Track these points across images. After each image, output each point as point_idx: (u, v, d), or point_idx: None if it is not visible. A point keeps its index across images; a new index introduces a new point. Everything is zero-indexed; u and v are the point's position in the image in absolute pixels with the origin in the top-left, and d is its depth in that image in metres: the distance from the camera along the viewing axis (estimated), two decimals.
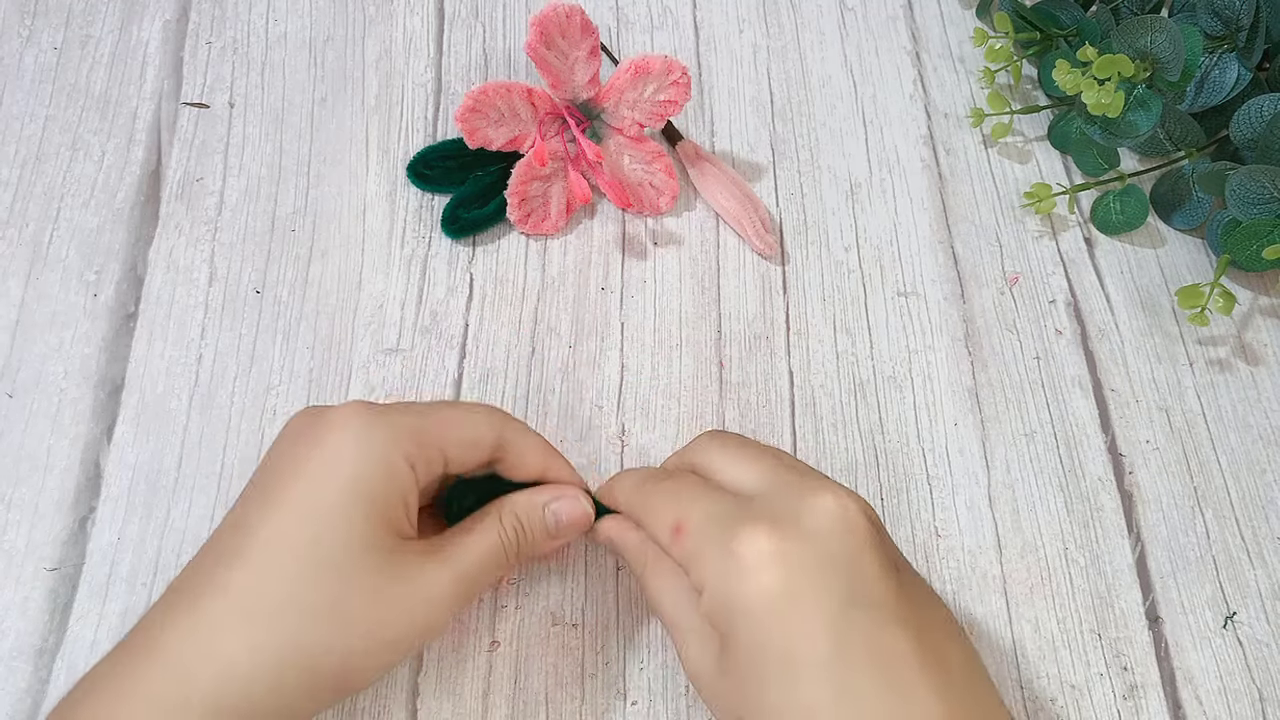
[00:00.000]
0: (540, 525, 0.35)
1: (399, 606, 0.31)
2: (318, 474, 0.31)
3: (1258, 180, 0.45)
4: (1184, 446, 0.46)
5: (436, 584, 0.31)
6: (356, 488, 0.30)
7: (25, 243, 0.47)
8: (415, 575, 0.31)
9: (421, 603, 0.31)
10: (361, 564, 0.30)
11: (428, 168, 0.49)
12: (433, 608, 0.31)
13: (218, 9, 0.54)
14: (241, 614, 0.29)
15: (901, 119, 0.55)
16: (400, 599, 0.31)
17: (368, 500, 0.30)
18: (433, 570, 0.32)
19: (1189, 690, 0.41)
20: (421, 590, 0.31)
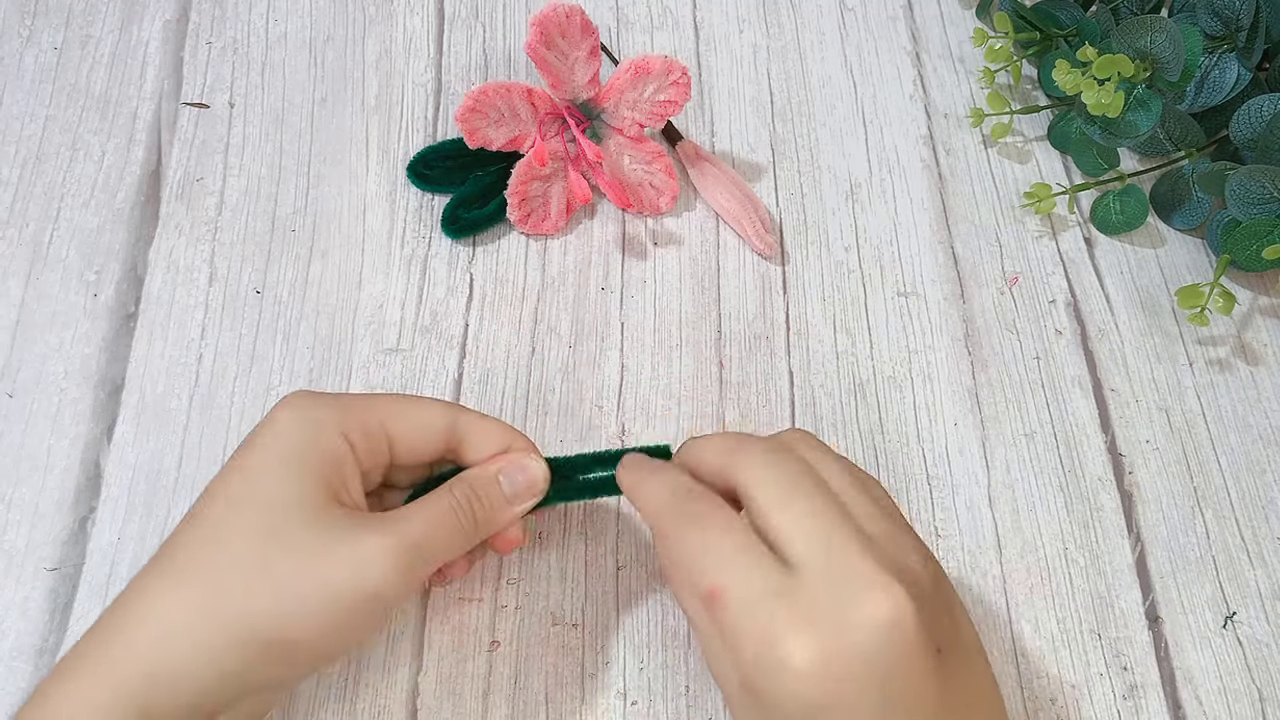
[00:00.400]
0: (495, 491, 0.35)
1: (331, 565, 0.30)
2: (257, 443, 0.32)
3: (1258, 180, 0.45)
4: (1184, 446, 0.46)
5: (374, 545, 0.31)
6: (291, 454, 0.32)
7: (25, 243, 0.47)
8: (351, 537, 0.31)
9: (357, 563, 0.30)
10: (293, 523, 0.31)
11: (428, 168, 0.49)
12: (370, 568, 0.30)
13: (218, 9, 0.54)
14: (176, 574, 0.30)
15: (901, 119, 0.55)
16: (334, 558, 0.30)
17: (300, 465, 0.31)
18: (370, 532, 0.31)
19: (1189, 690, 0.41)
20: (357, 551, 0.31)
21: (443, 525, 0.33)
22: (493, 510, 0.35)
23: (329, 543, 0.31)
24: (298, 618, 0.30)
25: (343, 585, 0.30)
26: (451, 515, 0.33)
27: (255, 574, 0.30)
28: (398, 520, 0.32)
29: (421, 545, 0.32)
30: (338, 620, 0.31)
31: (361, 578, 0.31)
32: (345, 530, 0.31)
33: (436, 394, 0.45)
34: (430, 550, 0.32)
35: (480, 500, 0.34)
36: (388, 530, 0.32)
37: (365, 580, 0.31)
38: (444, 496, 0.34)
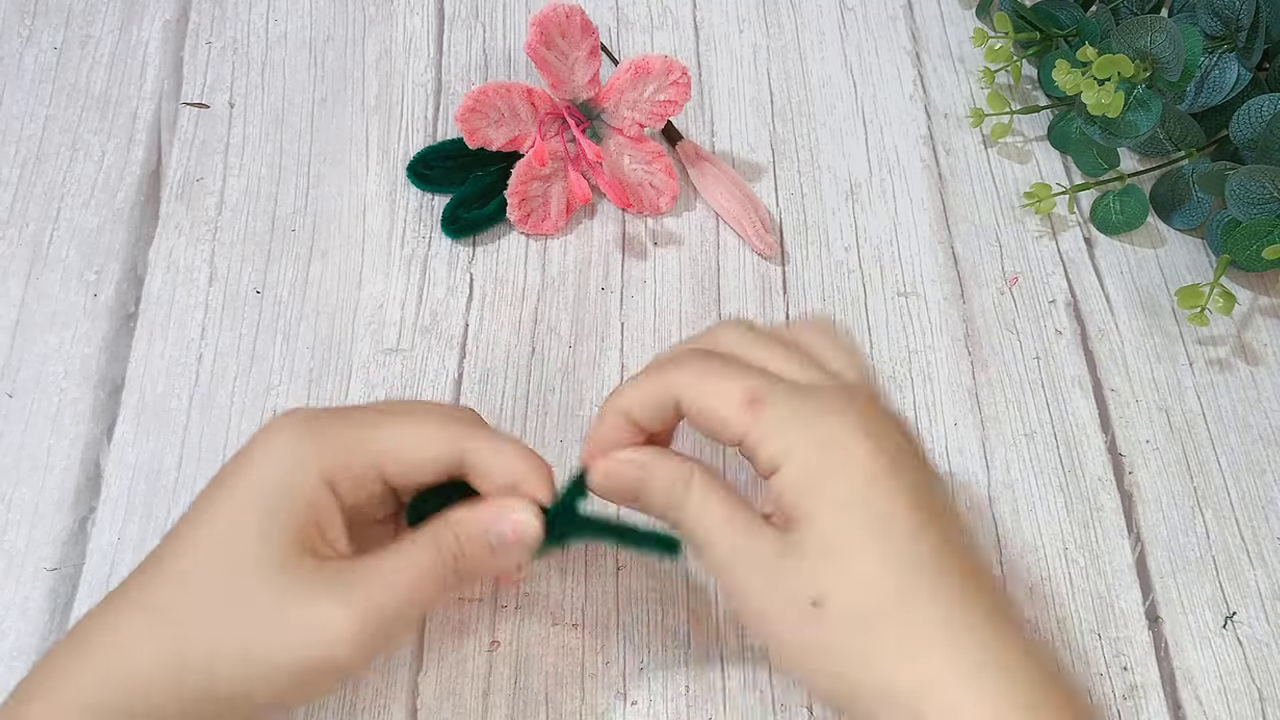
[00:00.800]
0: (482, 544, 0.32)
1: (293, 631, 0.29)
2: (232, 482, 0.31)
3: (1258, 180, 0.45)
4: (1184, 446, 0.46)
5: (338, 614, 0.29)
6: (263, 503, 0.30)
7: (25, 243, 0.47)
8: (308, 597, 0.29)
9: (308, 628, 0.29)
10: (260, 578, 0.29)
11: (428, 168, 0.49)
12: (323, 633, 0.29)
13: (218, 9, 0.54)
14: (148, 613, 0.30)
15: (901, 119, 0.55)
16: (296, 623, 0.29)
17: (272, 515, 0.30)
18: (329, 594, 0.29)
19: (1189, 690, 0.41)
20: (311, 613, 0.29)
21: (419, 582, 0.30)
22: (474, 564, 0.32)
23: (293, 604, 0.29)
24: (259, 678, 0.29)
25: (303, 653, 0.29)
26: (431, 571, 0.31)
27: (221, 629, 0.29)
28: (370, 581, 0.30)
29: (391, 609, 0.30)
30: (298, 683, 0.29)
31: (315, 646, 0.29)
32: (308, 590, 0.29)
33: (436, 395, 0.45)
34: (401, 611, 0.30)
35: (464, 554, 0.31)
36: (355, 595, 0.29)
37: (319, 648, 0.29)
38: (427, 549, 0.31)
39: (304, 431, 0.31)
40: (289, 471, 0.30)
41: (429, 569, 0.31)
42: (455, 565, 0.31)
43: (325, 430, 0.31)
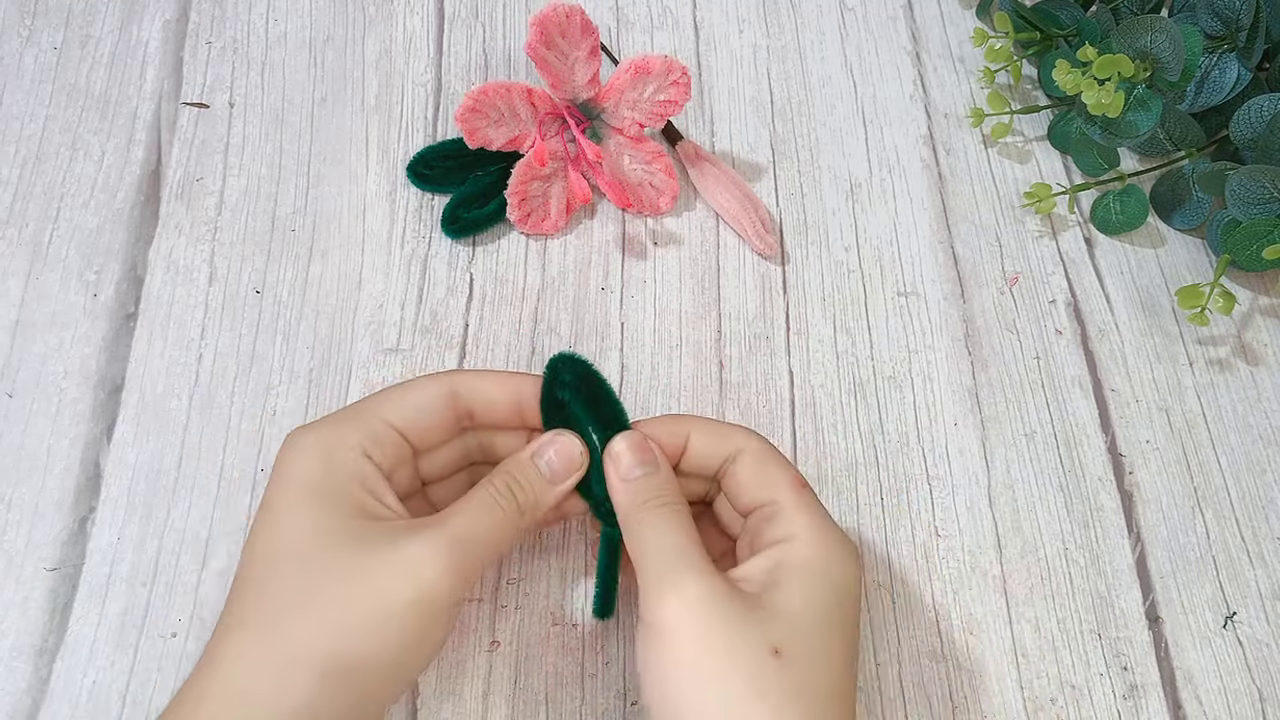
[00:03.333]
0: (534, 475, 0.35)
1: (380, 577, 0.30)
2: (275, 488, 0.32)
3: (1258, 180, 0.45)
4: (1184, 446, 0.46)
5: (419, 548, 0.31)
6: (311, 486, 0.32)
7: (25, 243, 0.47)
8: (395, 545, 0.31)
9: (406, 569, 0.30)
10: (333, 548, 0.31)
11: (428, 168, 0.49)
12: (421, 571, 0.30)
13: (218, 9, 0.54)
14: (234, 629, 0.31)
15: (901, 119, 0.55)
16: (381, 570, 0.30)
17: (324, 493, 0.32)
18: (414, 537, 0.31)
19: (1189, 690, 0.41)
20: (404, 557, 0.31)
21: (486, 517, 0.33)
22: (536, 496, 0.35)
23: (374, 556, 0.31)
24: (356, 636, 0.30)
25: (396, 594, 0.30)
26: (493, 506, 0.33)
27: (304, 604, 0.30)
28: (440, 520, 0.32)
29: (467, 540, 0.32)
30: (397, 631, 0.30)
31: (414, 582, 0.30)
32: (387, 540, 0.31)
33: None
34: (477, 544, 0.32)
35: (520, 485, 0.34)
36: (431, 531, 0.32)
37: (418, 584, 0.30)
38: (484, 489, 0.34)
39: (318, 426, 0.34)
40: (321, 453, 0.32)
41: (490, 505, 0.33)
42: (517, 500, 0.34)
43: (335, 418, 0.34)
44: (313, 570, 0.31)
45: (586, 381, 0.36)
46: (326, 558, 0.31)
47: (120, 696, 0.37)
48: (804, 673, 0.31)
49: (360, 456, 0.33)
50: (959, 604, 0.42)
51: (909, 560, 0.42)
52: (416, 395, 0.35)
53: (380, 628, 0.30)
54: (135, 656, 0.38)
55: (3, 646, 0.38)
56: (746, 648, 0.31)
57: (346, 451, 0.32)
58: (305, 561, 0.31)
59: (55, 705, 0.37)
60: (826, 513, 0.35)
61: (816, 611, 0.32)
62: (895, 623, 0.41)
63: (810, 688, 0.31)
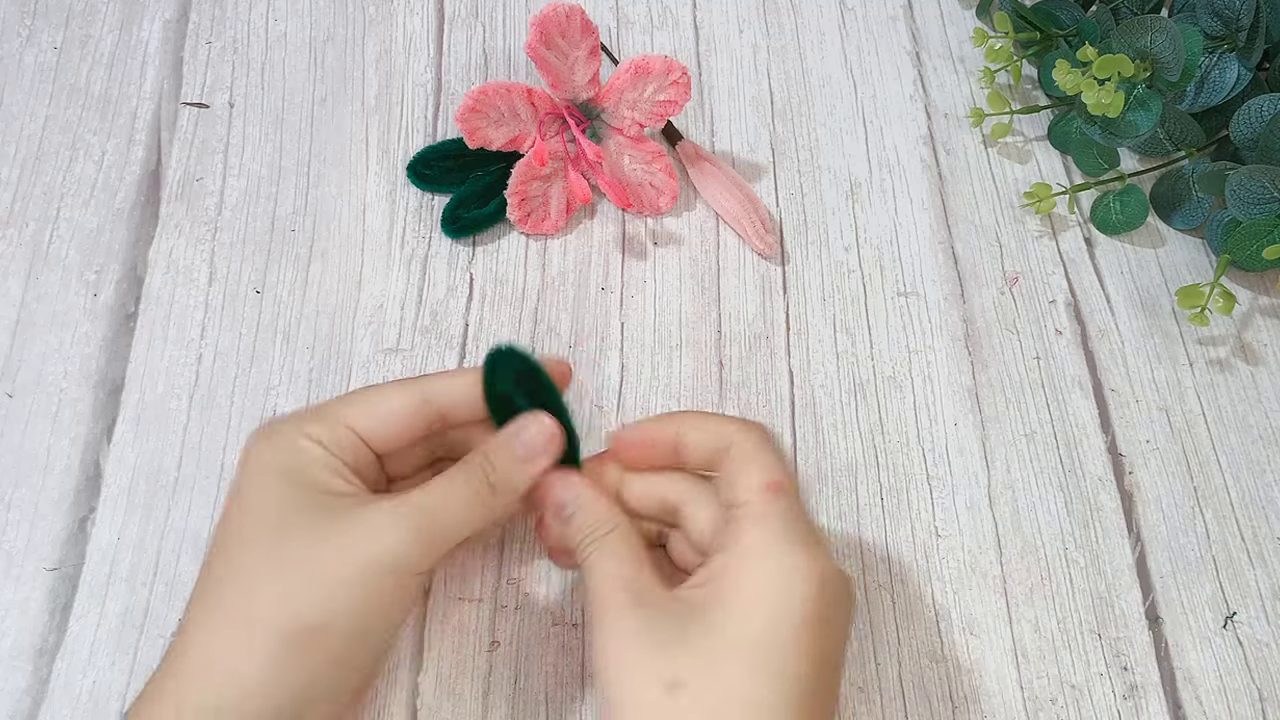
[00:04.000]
0: (507, 455, 0.35)
1: (343, 539, 0.31)
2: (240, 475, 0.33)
3: (1258, 180, 0.45)
4: (1184, 446, 0.46)
5: (383, 512, 0.31)
6: (270, 467, 0.32)
7: (25, 243, 0.47)
8: (358, 511, 0.31)
9: (369, 531, 0.31)
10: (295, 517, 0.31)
11: (428, 168, 0.49)
12: (383, 534, 0.31)
13: (218, 9, 0.54)
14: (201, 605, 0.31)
15: (901, 119, 0.55)
16: (344, 533, 0.31)
17: (285, 471, 0.32)
18: (379, 503, 0.32)
19: (1189, 690, 0.41)
20: (368, 520, 0.31)
21: (453, 491, 0.33)
22: (507, 472, 0.34)
23: (335, 523, 0.31)
24: (315, 600, 0.30)
25: (358, 556, 0.30)
26: (462, 482, 0.33)
27: (267, 572, 0.30)
28: (405, 493, 0.32)
29: (431, 510, 0.32)
30: (358, 595, 0.30)
31: (373, 546, 0.31)
32: (350, 510, 0.32)
33: None
34: (442, 515, 0.32)
35: (492, 464, 0.34)
36: (394, 501, 0.32)
37: (380, 547, 0.31)
38: (455, 467, 0.34)
39: (281, 420, 0.34)
40: (286, 444, 0.33)
41: (460, 481, 0.33)
42: (487, 478, 0.34)
43: (297, 414, 0.34)
44: (276, 540, 0.31)
45: (527, 373, 0.36)
46: (290, 528, 0.31)
47: (120, 696, 0.37)
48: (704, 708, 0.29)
49: (314, 444, 0.33)
50: (959, 604, 0.42)
51: (909, 560, 0.42)
52: (384, 403, 0.34)
53: (340, 591, 0.30)
54: (135, 656, 0.38)
55: (3, 646, 0.38)
56: (644, 684, 0.30)
57: (308, 440, 0.33)
58: (269, 532, 0.31)
59: (55, 705, 0.37)
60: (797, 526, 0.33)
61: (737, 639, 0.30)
62: (895, 623, 0.41)
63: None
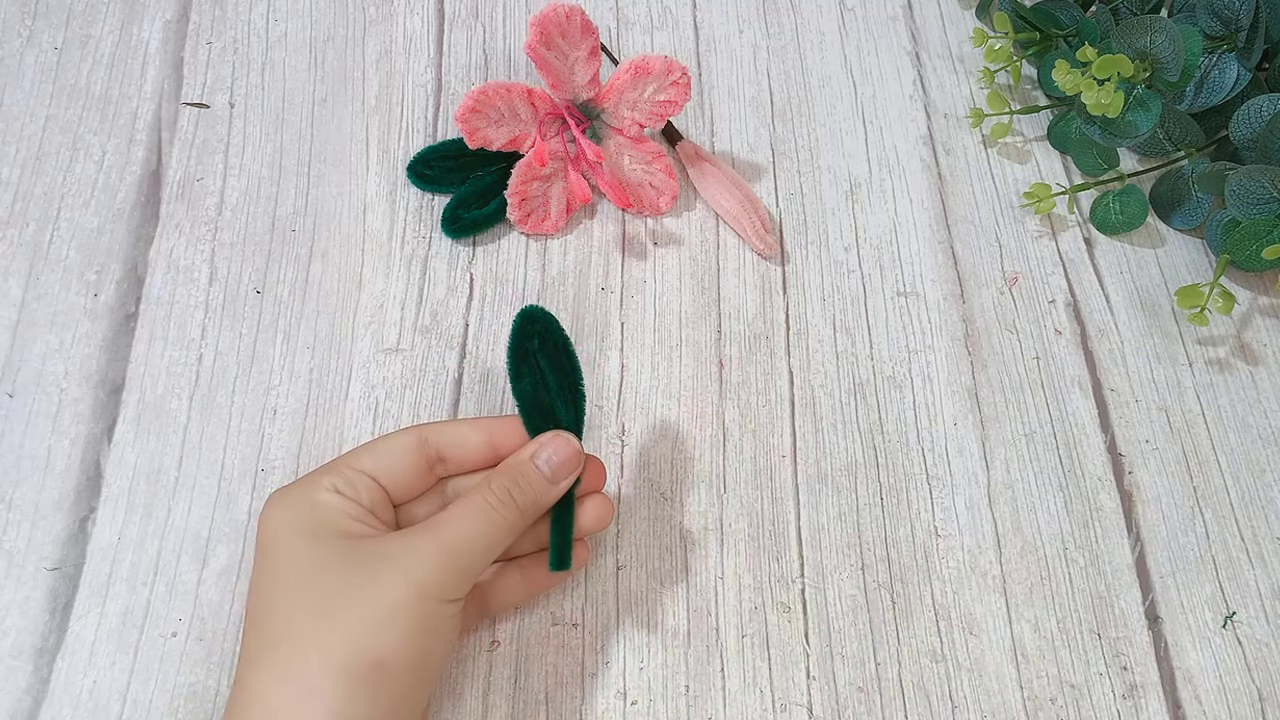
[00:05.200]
0: (535, 475, 0.35)
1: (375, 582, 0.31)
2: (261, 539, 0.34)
3: (1257, 180, 0.45)
4: (1184, 446, 0.46)
5: (408, 553, 0.32)
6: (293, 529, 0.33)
7: (25, 243, 0.47)
8: (383, 554, 0.32)
9: (400, 562, 0.32)
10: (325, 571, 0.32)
11: (428, 168, 0.49)
12: (413, 564, 0.32)
13: (218, 9, 0.54)
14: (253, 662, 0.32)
15: (901, 119, 0.55)
16: (374, 576, 0.31)
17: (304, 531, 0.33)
18: (402, 542, 0.32)
19: (1189, 690, 0.41)
20: (393, 561, 0.32)
21: (481, 520, 0.33)
22: (535, 494, 0.35)
23: (369, 566, 0.32)
24: (370, 636, 0.31)
25: (398, 589, 0.31)
26: (489, 509, 0.34)
27: (315, 621, 0.31)
28: (431, 524, 0.33)
29: (460, 537, 0.33)
30: (406, 627, 0.31)
31: (409, 584, 0.31)
32: (379, 551, 0.32)
33: (436, 395, 0.45)
34: (471, 544, 0.33)
35: (518, 485, 0.35)
36: (420, 536, 0.33)
37: (416, 577, 0.31)
38: (480, 491, 0.34)
39: (292, 484, 0.35)
40: (302, 502, 0.34)
41: (485, 504, 0.34)
42: (516, 502, 0.34)
43: (307, 475, 0.35)
44: (316, 591, 0.31)
45: (555, 337, 0.37)
46: (326, 578, 0.32)
47: (120, 696, 0.37)
48: None
49: (333, 494, 0.34)
50: (959, 604, 0.42)
51: (909, 560, 0.42)
52: (386, 444, 0.36)
53: (391, 625, 0.31)
54: (135, 656, 0.38)
55: (3, 646, 0.38)
56: None
57: (323, 493, 0.34)
58: (307, 585, 0.32)
59: (55, 705, 0.37)
60: None
61: None
62: (895, 623, 0.41)
63: None
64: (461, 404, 0.45)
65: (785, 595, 0.41)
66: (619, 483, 0.43)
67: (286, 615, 0.31)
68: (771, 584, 0.41)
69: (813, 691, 0.39)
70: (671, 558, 0.42)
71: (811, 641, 0.41)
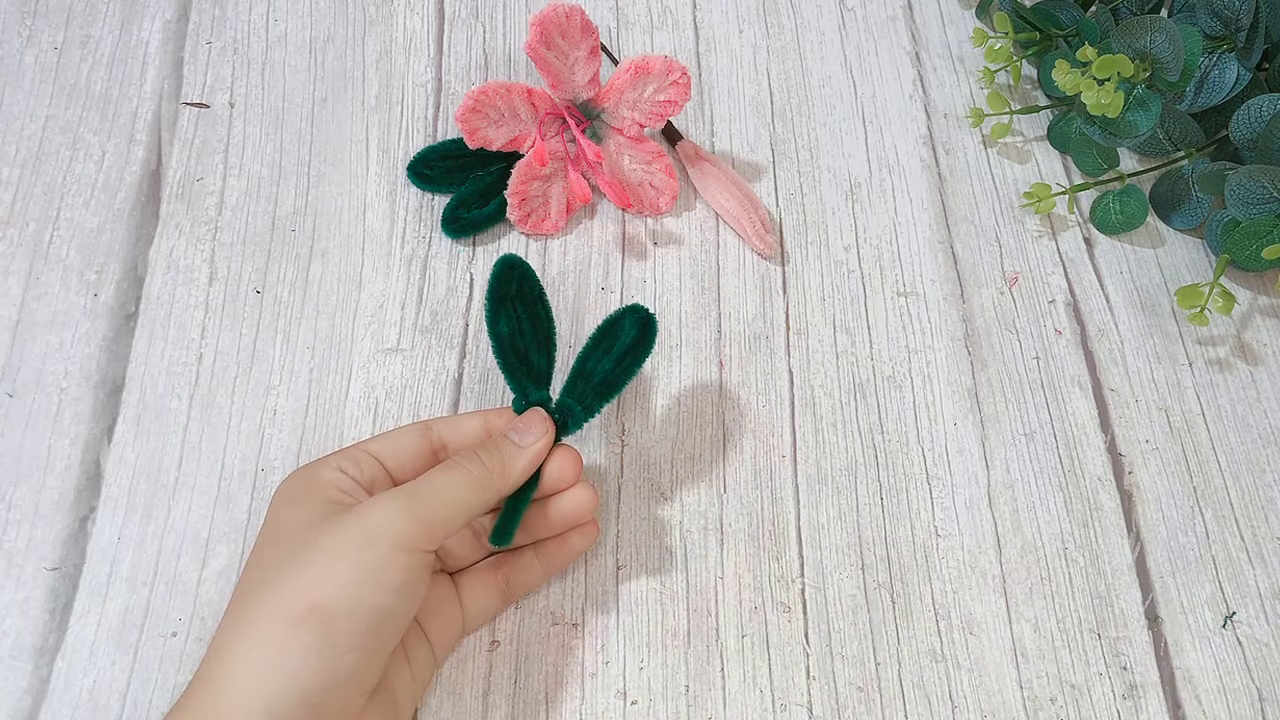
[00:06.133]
0: (503, 442, 0.36)
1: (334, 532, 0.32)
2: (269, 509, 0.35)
3: (1257, 180, 0.45)
4: (1183, 446, 0.46)
5: (377, 498, 0.33)
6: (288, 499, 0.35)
7: (25, 243, 0.47)
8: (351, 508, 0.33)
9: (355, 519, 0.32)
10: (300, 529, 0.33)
11: (428, 168, 0.49)
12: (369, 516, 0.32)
13: (218, 9, 0.54)
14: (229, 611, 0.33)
15: (901, 119, 0.55)
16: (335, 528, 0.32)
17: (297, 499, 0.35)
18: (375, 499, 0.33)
19: (1188, 690, 0.41)
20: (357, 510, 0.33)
21: (449, 473, 0.35)
22: (503, 457, 0.36)
23: (335, 516, 0.33)
24: (316, 577, 0.31)
25: (351, 534, 0.32)
26: (458, 465, 0.35)
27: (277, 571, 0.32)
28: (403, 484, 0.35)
29: (427, 492, 0.34)
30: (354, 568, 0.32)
31: (367, 523, 0.32)
32: (351, 505, 0.34)
33: (436, 395, 0.45)
34: (438, 497, 0.34)
35: (488, 451, 0.36)
36: (392, 489, 0.34)
37: (371, 523, 0.32)
38: (454, 458, 0.36)
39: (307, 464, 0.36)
40: (304, 477, 0.35)
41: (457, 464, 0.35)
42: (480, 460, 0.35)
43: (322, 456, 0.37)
44: (282, 547, 0.33)
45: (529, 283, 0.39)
46: (296, 536, 0.33)
47: (120, 696, 0.38)
48: None
49: (335, 470, 0.35)
50: (959, 604, 0.42)
51: (909, 560, 0.42)
52: (395, 431, 0.38)
53: (332, 568, 0.32)
54: (135, 656, 0.38)
55: (3, 646, 0.38)
56: None
57: (323, 469, 0.35)
58: (277, 542, 0.33)
59: (55, 705, 0.37)
60: None
61: None
62: (895, 623, 0.41)
63: None
64: (461, 404, 0.45)
65: (785, 595, 0.41)
66: (619, 483, 0.43)
67: (259, 568, 0.33)
68: (771, 584, 0.42)
69: (813, 691, 0.39)
70: (671, 557, 0.42)
71: (811, 641, 0.41)
